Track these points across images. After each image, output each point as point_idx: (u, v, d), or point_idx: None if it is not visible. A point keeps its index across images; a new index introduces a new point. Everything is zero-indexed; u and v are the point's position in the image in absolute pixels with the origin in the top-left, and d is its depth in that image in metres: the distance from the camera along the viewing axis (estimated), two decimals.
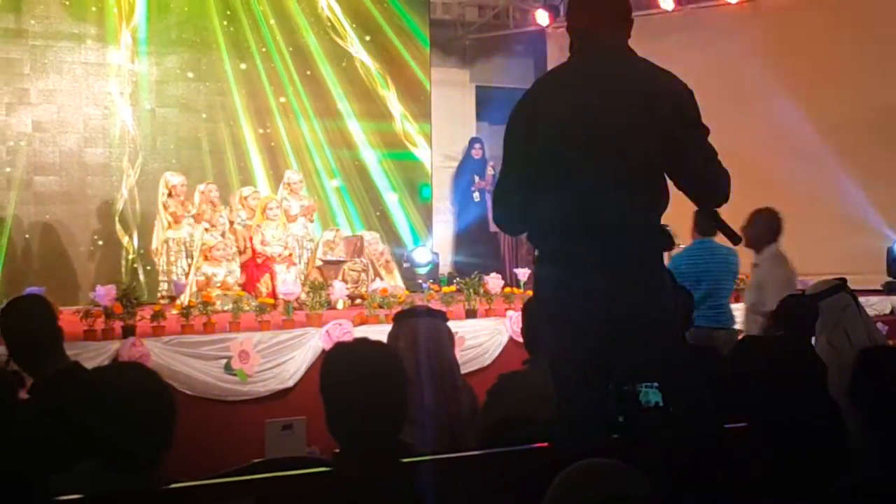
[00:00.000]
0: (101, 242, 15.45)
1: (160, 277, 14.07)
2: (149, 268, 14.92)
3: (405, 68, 17.78)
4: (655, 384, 4.18)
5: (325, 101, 17.15)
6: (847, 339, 6.93)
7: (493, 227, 16.39)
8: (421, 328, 5.95)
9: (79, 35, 15.44)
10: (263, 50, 16.68)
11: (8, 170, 14.97)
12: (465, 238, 18.43)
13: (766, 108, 15.67)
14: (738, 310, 10.39)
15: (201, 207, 14.01)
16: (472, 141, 18.63)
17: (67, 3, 15.33)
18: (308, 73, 17.03)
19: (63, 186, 15.30)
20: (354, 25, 17.34)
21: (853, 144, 15.19)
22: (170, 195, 14.15)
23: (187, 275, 13.60)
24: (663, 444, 4.08)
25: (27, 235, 15.04)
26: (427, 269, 16.17)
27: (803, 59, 15.48)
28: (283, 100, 16.85)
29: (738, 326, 9.95)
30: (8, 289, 14.23)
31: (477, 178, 18.03)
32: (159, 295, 13.69)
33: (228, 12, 16.41)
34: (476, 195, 17.99)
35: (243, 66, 16.55)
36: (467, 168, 18.52)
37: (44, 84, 15.24)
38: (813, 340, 6.98)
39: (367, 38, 17.45)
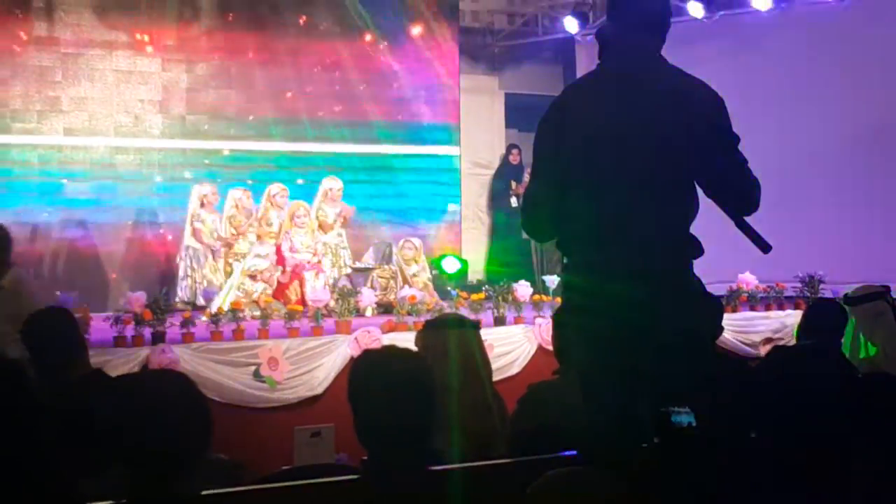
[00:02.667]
0: (131, 249, 15.50)
1: (180, 284, 14.07)
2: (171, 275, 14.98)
3: (434, 75, 17.77)
4: (687, 406, 4.16)
5: (353, 108, 17.15)
6: (882, 350, 6.88)
7: (524, 234, 16.36)
8: (452, 336, 5.95)
9: (110, 43, 15.50)
10: (292, 56, 16.68)
11: (39, 176, 15.02)
12: (500, 245, 18.44)
13: (798, 115, 15.59)
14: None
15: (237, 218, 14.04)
16: (510, 147, 18.62)
17: (99, 11, 15.37)
18: (337, 79, 17.02)
19: (94, 193, 15.36)
20: (383, 32, 17.33)
21: (888, 151, 15.09)
22: (202, 205, 14.16)
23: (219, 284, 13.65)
24: (691, 456, 4.06)
25: (58, 242, 15.09)
26: (455, 276, 16.18)
27: (835, 66, 15.40)
28: (312, 106, 16.84)
29: None
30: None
31: (514, 184, 17.99)
32: (177, 300, 13.67)
33: (257, 19, 16.41)
34: (513, 200, 17.94)
35: (273, 72, 16.55)
36: (505, 174, 18.51)
37: (75, 91, 15.30)
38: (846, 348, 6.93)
39: (397, 44, 17.45)
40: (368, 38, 17.24)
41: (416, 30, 17.62)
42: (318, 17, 16.91)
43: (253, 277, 13.50)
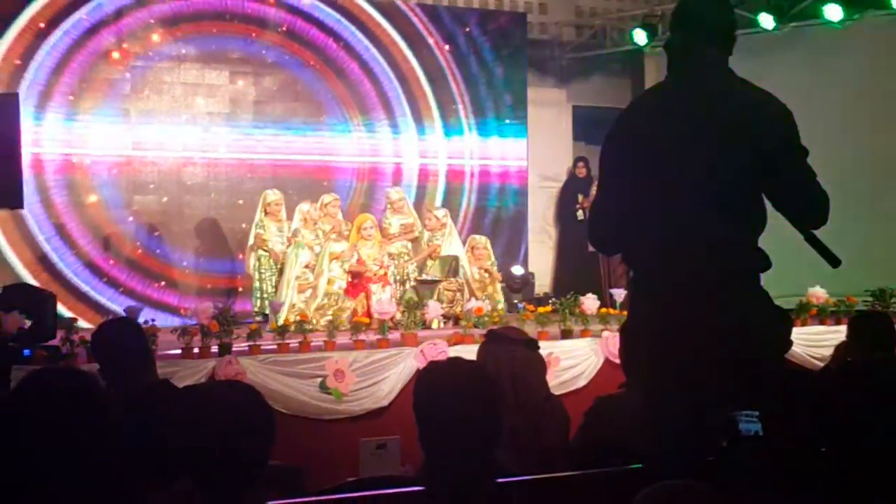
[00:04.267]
0: (199, 260, 15.59)
1: (253, 295, 14.15)
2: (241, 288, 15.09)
3: (501, 87, 17.78)
4: (756, 413, 4.12)
5: (420, 120, 17.20)
6: None
7: (591, 247, 16.27)
8: (509, 357, 5.91)
9: (178, 55, 15.60)
10: (358, 68, 16.73)
11: (107, 190, 15.14)
12: (567, 258, 18.42)
13: (869, 127, 15.45)
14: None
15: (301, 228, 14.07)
16: (577, 160, 18.57)
17: (167, 24, 15.47)
18: (404, 90, 17.07)
19: (161, 206, 15.47)
20: (450, 44, 17.36)
21: None
22: (266, 213, 14.24)
23: (277, 290, 13.71)
24: (758, 471, 4.02)
25: (128, 253, 15.19)
26: (519, 288, 16.21)
27: None
28: (378, 118, 16.89)
29: None
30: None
31: (581, 197, 17.91)
32: (253, 311, 13.76)
33: (325, 31, 16.46)
34: (580, 214, 17.86)
35: (339, 83, 16.60)
36: (572, 187, 18.47)
37: (143, 104, 15.40)
38: None
39: (464, 56, 17.48)
40: (436, 48, 17.26)
41: (484, 41, 17.63)
42: (384, 27, 16.92)
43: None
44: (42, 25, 14.74)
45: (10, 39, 14.61)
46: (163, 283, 15.31)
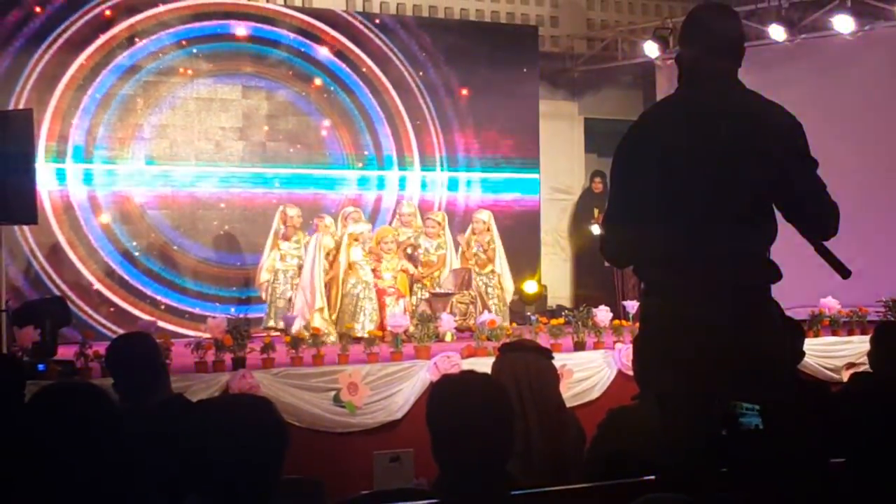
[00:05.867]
0: (212, 274, 15.62)
1: (266, 309, 14.17)
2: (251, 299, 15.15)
3: (513, 101, 17.76)
4: (757, 407, 4.13)
5: (433, 134, 17.21)
6: None
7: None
8: (524, 364, 5.92)
9: (190, 70, 15.64)
10: (371, 84, 16.76)
11: (121, 203, 15.18)
12: (584, 271, 18.43)
13: (881, 138, 15.44)
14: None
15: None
16: (593, 175, 18.61)
17: (179, 39, 15.52)
18: (416, 106, 17.09)
19: (174, 220, 15.49)
20: (462, 59, 17.36)
21: None
22: (284, 227, 14.26)
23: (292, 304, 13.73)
24: (767, 480, 4.03)
25: (143, 268, 15.24)
26: (533, 301, 16.21)
27: None
28: (389, 133, 16.92)
29: None
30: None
31: (597, 212, 17.87)
32: (263, 326, 13.77)
33: (336, 47, 16.50)
34: (594, 228, 17.82)
35: (351, 98, 16.64)
36: (588, 201, 18.47)
37: (156, 119, 15.43)
38: None
39: (475, 70, 17.46)
40: (444, 64, 17.27)
41: (496, 55, 17.61)
42: (398, 43, 16.94)
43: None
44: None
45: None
46: (177, 295, 15.37)
